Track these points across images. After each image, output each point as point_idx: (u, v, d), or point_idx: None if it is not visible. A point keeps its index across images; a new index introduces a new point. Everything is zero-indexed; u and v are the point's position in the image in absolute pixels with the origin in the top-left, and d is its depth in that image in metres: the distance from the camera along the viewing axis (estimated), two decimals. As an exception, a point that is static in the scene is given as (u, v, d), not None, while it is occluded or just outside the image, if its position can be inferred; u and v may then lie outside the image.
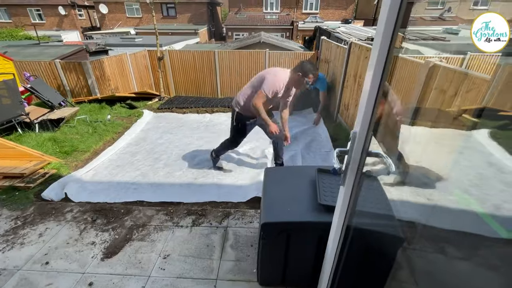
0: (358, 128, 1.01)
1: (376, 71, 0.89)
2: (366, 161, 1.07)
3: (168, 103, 5.65)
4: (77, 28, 22.71)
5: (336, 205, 1.27)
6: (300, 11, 21.96)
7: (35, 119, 4.10)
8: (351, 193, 1.13)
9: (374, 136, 1.05)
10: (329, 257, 1.41)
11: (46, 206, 2.68)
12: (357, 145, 1.03)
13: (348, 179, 1.11)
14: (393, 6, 0.79)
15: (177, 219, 2.51)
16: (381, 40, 0.85)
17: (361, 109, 0.98)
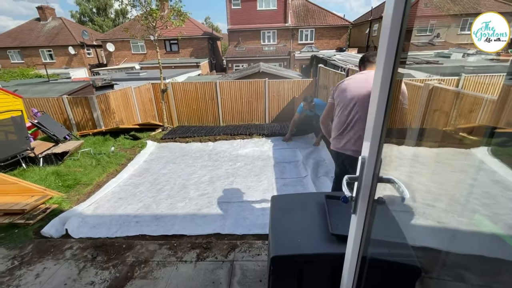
0: (366, 153, 0.98)
1: (381, 96, 0.89)
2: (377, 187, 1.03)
3: (171, 133, 5.71)
4: (85, 65, 23.90)
5: (349, 234, 1.20)
6: (296, 42, 23.14)
7: (39, 154, 4.13)
8: (364, 222, 1.07)
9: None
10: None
11: (45, 243, 2.58)
12: (366, 171, 1.00)
13: (360, 207, 1.06)
14: (393, 33, 0.82)
15: (181, 253, 2.39)
16: (384, 66, 0.87)
17: (368, 133, 0.96)
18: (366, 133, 0.98)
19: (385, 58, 0.86)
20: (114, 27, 28.53)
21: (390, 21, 0.80)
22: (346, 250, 1.24)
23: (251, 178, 3.66)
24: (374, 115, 0.91)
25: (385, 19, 0.83)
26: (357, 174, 1.03)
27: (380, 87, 0.88)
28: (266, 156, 4.34)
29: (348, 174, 2.33)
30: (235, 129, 5.80)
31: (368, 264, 1.16)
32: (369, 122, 0.95)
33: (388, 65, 0.87)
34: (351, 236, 1.15)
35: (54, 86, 10.15)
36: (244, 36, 23.17)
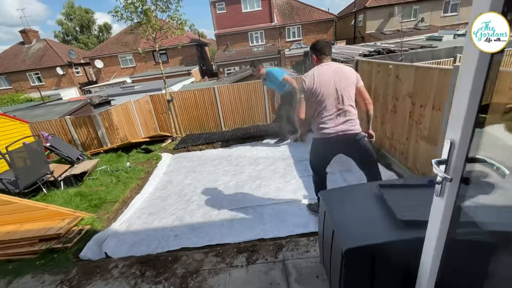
0: (457, 135, 1.00)
1: (477, 77, 0.89)
2: (465, 168, 1.06)
3: (182, 143, 5.70)
4: (75, 84, 23.61)
5: (431, 218, 1.24)
6: (284, 40, 23.30)
7: (58, 177, 4.08)
8: (453, 204, 1.10)
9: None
10: (425, 277, 1.33)
11: (88, 265, 2.55)
12: (457, 153, 1.02)
13: (448, 190, 1.09)
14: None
15: (229, 259, 2.40)
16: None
17: (459, 113, 0.97)
18: (455, 115, 1.00)
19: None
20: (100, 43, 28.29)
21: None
22: (428, 235, 1.27)
23: (277, 179, 3.68)
24: (468, 96, 0.93)
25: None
26: (444, 156, 1.06)
27: (476, 67, 0.88)
28: (286, 156, 4.37)
29: (340, 153, 2.43)
30: (245, 132, 5.81)
31: (454, 248, 1.19)
32: (460, 102, 0.96)
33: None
34: (437, 220, 1.18)
35: (51, 108, 10.02)
36: (232, 39, 23.24)
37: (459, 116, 0.98)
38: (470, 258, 1.30)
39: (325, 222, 1.90)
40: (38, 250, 2.77)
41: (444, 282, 1.28)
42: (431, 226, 1.24)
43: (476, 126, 0.97)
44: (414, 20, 21.26)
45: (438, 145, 2.58)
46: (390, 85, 3.34)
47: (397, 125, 3.30)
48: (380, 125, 3.73)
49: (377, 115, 3.75)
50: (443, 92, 2.42)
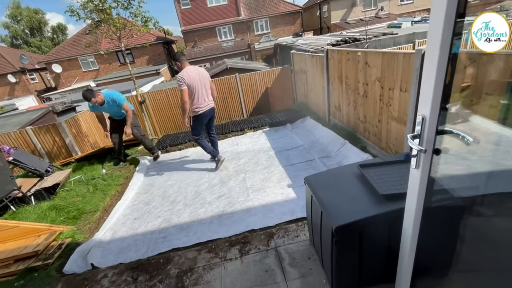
0: (426, 111, 1.11)
1: (441, 57, 0.99)
2: (436, 140, 1.18)
3: (160, 144, 5.54)
4: (31, 92, 21.74)
5: (409, 189, 1.35)
6: (253, 33, 23.25)
7: (27, 191, 3.79)
8: (428, 175, 1.22)
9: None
10: (407, 243, 1.46)
11: (74, 279, 2.44)
12: (429, 127, 1.13)
13: (423, 161, 1.19)
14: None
15: (222, 253, 2.42)
16: (443, 28, 0.94)
17: (427, 92, 1.07)
18: (424, 93, 1.10)
19: (445, 18, 0.92)
20: (56, 46, 26.16)
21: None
22: (407, 204, 1.40)
23: (261, 170, 3.74)
24: (434, 75, 1.03)
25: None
26: (417, 131, 1.17)
27: (440, 47, 0.97)
28: (267, 148, 4.44)
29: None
30: (225, 128, 5.79)
31: (431, 214, 1.32)
32: (428, 81, 1.07)
33: (448, 27, 0.93)
34: (414, 190, 1.30)
35: (7, 119, 9.20)
36: (200, 35, 22.71)
37: (428, 94, 1.09)
38: (444, 222, 1.45)
39: (313, 205, 1.99)
40: (15, 271, 2.59)
41: (424, 247, 1.42)
42: (410, 196, 1.36)
43: (443, 102, 1.08)
44: (375, 9, 22.28)
45: (407, 124, 2.78)
46: (360, 71, 3.52)
47: (369, 109, 3.50)
48: (353, 110, 3.92)
49: (350, 100, 3.94)
50: (408, 74, 2.61)
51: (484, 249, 1.37)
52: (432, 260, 1.54)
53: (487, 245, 1.35)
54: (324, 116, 5.03)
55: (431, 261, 1.54)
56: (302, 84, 6.17)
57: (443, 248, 1.55)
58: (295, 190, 3.18)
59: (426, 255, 1.47)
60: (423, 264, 1.47)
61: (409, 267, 1.49)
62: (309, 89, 5.74)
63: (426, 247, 1.43)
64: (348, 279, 1.79)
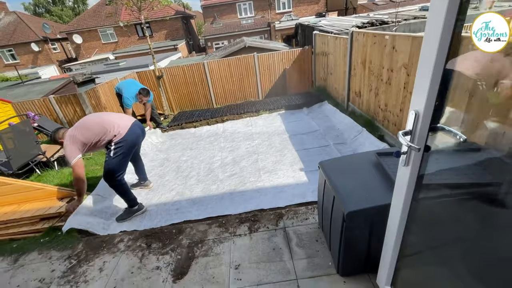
0: (420, 106, 1.01)
1: (441, 47, 0.90)
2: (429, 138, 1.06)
3: (176, 120, 5.62)
4: (53, 62, 22.25)
5: (397, 186, 1.28)
6: (274, 11, 22.34)
7: (51, 157, 4.00)
8: (418, 172, 1.13)
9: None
10: (391, 239, 1.40)
11: (94, 240, 2.61)
12: (422, 124, 1.03)
13: (413, 160, 1.10)
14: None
15: (232, 229, 2.50)
16: (444, 22, 0.87)
17: (423, 87, 0.99)
18: (419, 87, 1.01)
19: (446, 15, 0.86)
20: (76, 16, 26.32)
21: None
22: (394, 201, 1.33)
23: (274, 153, 3.75)
24: (432, 67, 0.93)
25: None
26: (409, 127, 1.07)
27: (440, 37, 0.88)
28: (281, 130, 4.41)
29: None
30: (239, 108, 5.76)
31: (417, 211, 1.25)
32: (423, 75, 0.99)
33: (449, 22, 0.87)
34: (402, 188, 1.22)
35: (31, 87, 9.53)
36: (220, 11, 22.08)
37: (423, 88, 0.99)
38: (430, 219, 1.39)
39: (325, 190, 1.99)
40: (41, 228, 2.80)
41: (408, 242, 1.35)
42: (397, 194, 1.29)
43: (438, 98, 0.99)
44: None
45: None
46: (386, 56, 3.34)
47: (391, 97, 3.36)
48: (374, 97, 3.78)
49: (372, 87, 3.78)
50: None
51: (469, 245, 1.33)
52: (416, 254, 1.49)
53: (471, 242, 1.31)
54: (342, 101, 4.89)
55: (414, 255, 1.49)
56: (322, 67, 5.97)
57: (427, 244, 1.50)
58: (307, 174, 3.18)
59: (410, 249, 1.41)
60: (406, 259, 1.43)
61: (392, 262, 1.45)
62: (329, 72, 5.55)
63: (409, 242, 1.37)
64: (354, 264, 1.82)
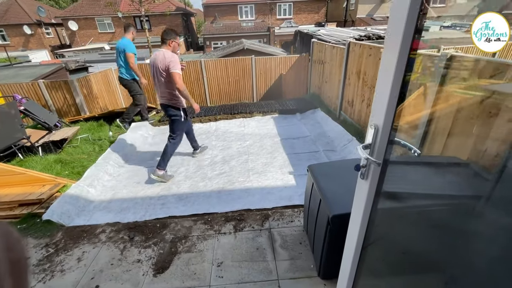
0: (380, 120, 0.99)
1: (399, 62, 0.88)
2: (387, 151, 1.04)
3: (168, 115, 5.56)
4: (45, 47, 21.65)
5: (356, 199, 1.28)
6: (275, 17, 22.59)
7: (36, 142, 3.88)
8: (376, 186, 1.12)
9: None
10: (351, 251, 1.39)
11: (75, 230, 2.55)
12: (381, 137, 1.01)
13: (372, 173, 1.09)
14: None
15: (218, 226, 2.50)
16: (403, 34, 0.85)
17: (382, 100, 0.96)
18: (378, 102, 0.99)
19: (405, 25, 0.84)
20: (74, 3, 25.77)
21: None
22: (353, 213, 1.32)
23: (265, 155, 3.77)
24: (391, 81, 0.91)
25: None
26: (369, 141, 1.05)
27: (398, 53, 0.86)
28: (273, 134, 4.45)
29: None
30: (233, 108, 5.77)
31: (376, 223, 1.24)
32: (383, 88, 0.96)
33: (408, 33, 0.85)
34: (361, 202, 1.21)
35: (20, 70, 9.25)
36: (221, 11, 22.12)
37: (383, 100, 0.97)
38: (389, 230, 1.43)
39: (312, 193, 2.02)
40: (18, 214, 2.71)
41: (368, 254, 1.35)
42: (356, 207, 1.29)
43: (396, 112, 0.98)
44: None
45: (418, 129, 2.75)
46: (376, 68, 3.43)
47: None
48: (366, 108, 3.87)
49: (365, 97, 3.88)
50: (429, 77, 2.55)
51: (426, 256, 1.36)
52: (376, 264, 1.52)
53: (429, 253, 1.34)
54: (335, 110, 4.98)
55: (374, 265, 1.52)
56: (318, 75, 6.07)
57: (386, 255, 1.53)
58: (295, 177, 3.21)
59: (369, 260, 1.43)
60: (365, 269, 1.45)
61: (352, 272, 1.44)
62: (324, 80, 5.65)
63: (368, 254, 1.37)
64: (336, 268, 1.85)
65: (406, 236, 1.39)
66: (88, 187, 3.08)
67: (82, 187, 3.03)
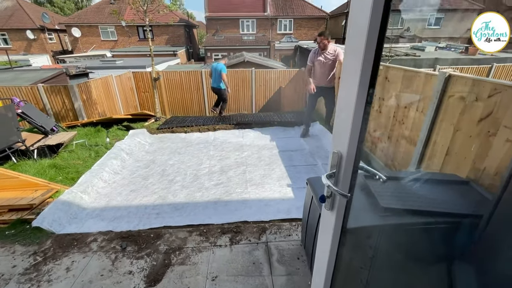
0: (343, 147, 0.91)
1: (362, 83, 0.80)
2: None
3: (167, 123, 5.56)
4: (47, 51, 21.78)
5: (322, 233, 1.18)
6: (275, 31, 23.13)
7: (30, 146, 3.82)
8: (344, 216, 1.03)
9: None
10: (320, 281, 1.25)
11: (65, 238, 2.46)
12: (345, 166, 0.92)
13: (338, 203, 1.00)
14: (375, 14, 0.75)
15: (213, 238, 2.43)
16: (365, 49, 0.76)
17: (346, 126, 0.88)
18: (337, 124, 0.94)
19: (365, 47, 0.76)
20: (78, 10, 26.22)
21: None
22: (319, 244, 1.22)
23: (263, 166, 3.74)
24: (353, 106, 0.83)
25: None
26: (333, 169, 0.96)
27: (360, 74, 0.79)
28: (272, 145, 4.44)
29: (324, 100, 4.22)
30: (232, 119, 5.79)
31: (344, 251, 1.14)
32: (346, 113, 0.88)
33: (368, 56, 0.77)
34: (328, 233, 1.09)
35: (20, 74, 9.24)
36: (223, 24, 22.61)
37: (346, 126, 0.89)
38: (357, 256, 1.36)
39: (312, 207, 1.99)
40: (7, 219, 2.62)
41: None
42: (322, 241, 1.18)
43: (362, 138, 0.89)
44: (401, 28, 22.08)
45: (417, 145, 2.77)
46: (378, 85, 3.49)
47: (380, 124, 3.48)
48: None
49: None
50: (427, 95, 2.59)
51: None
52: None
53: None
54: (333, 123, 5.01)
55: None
56: (317, 89, 6.13)
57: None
58: (293, 190, 3.18)
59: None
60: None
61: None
62: (323, 95, 5.71)
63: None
64: (334, 285, 1.79)
65: (380, 266, 1.29)
66: (81, 193, 3.00)
67: (76, 193, 2.96)
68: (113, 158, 3.89)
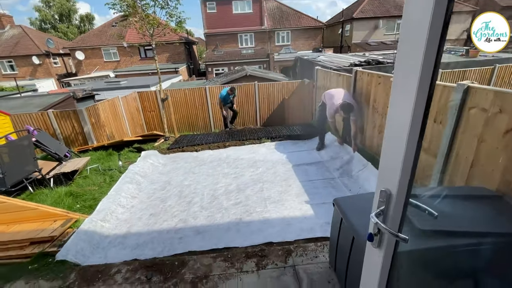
0: (393, 185, 0.86)
1: (417, 110, 0.77)
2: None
3: (177, 143, 5.58)
4: (52, 75, 22.28)
5: (366, 271, 1.15)
6: (274, 44, 23.54)
7: (46, 174, 3.84)
8: (393, 256, 0.99)
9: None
10: None
11: (89, 270, 2.43)
12: (395, 204, 0.88)
13: (386, 241, 0.95)
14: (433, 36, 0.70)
15: (239, 264, 2.39)
16: (419, 84, 0.73)
17: (396, 161, 0.83)
18: (385, 160, 0.91)
19: (420, 75, 0.72)
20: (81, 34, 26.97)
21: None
22: (363, 279, 1.19)
23: (279, 182, 3.72)
24: (406, 138, 0.79)
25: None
26: (381, 207, 0.93)
27: (414, 105, 0.77)
28: (285, 160, 4.43)
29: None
30: (241, 134, 5.80)
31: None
32: (396, 148, 0.84)
33: (423, 85, 0.73)
34: (375, 272, 1.06)
35: (29, 100, 9.42)
36: (222, 39, 23.09)
37: (396, 162, 0.84)
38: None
39: (342, 229, 1.95)
40: (29, 253, 2.60)
41: None
42: (368, 278, 1.15)
43: (413, 174, 0.85)
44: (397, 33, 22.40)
45: (437, 157, 2.73)
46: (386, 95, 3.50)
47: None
48: (378, 134, 3.89)
49: (376, 124, 3.91)
50: (445, 106, 2.58)
51: None
52: None
53: None
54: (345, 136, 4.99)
55: None
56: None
57: None
58: (313, 207, 3.14)
59: None
60: None
61: None
62: (330, 106, 5.73)
63: None
64: (373, 311, 1.73)
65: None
66: (101, 221, 2.99)
67: (96, 221, 2.94)
68: (128, 182, 3.89)
